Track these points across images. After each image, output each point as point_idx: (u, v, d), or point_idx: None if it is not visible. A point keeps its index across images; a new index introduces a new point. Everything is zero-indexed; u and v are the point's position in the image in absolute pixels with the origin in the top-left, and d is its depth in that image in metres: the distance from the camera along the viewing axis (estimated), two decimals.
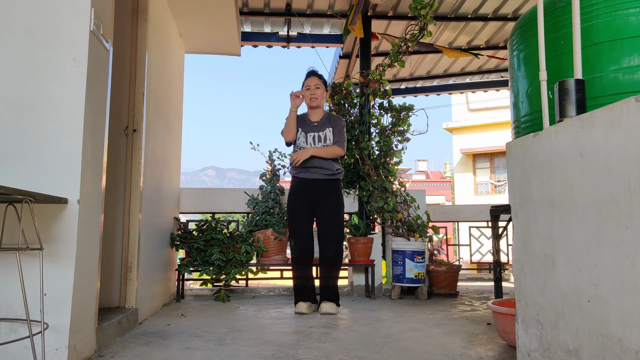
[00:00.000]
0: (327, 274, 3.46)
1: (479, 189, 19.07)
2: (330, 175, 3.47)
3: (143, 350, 2.25)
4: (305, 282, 3.46)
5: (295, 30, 5.64)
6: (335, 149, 3.46)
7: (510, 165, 1.80)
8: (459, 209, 5.85)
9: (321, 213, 3.46)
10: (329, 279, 3.46)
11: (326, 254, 3.44)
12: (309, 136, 3.52)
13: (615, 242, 1.25)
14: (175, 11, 3.92)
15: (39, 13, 2.00)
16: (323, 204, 3.46)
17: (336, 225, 3.46)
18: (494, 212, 3.17)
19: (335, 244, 3.44)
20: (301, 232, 3.46)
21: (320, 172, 3.46)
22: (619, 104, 1.24)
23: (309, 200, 3.47)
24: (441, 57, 6.65)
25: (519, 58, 2.70)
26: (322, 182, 3.47)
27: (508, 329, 2.20)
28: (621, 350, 1.21)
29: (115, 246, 2.94)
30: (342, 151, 3.47)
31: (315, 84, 3.56)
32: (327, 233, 3.44)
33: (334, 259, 3.44)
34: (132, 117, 3.05)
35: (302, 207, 3.48)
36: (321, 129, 3.52)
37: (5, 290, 1.85)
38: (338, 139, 3.49)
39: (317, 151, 3.43)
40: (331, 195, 3.47)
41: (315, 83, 3.56)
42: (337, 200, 3.50)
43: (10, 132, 1.91)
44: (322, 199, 3.46)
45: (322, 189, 3.47)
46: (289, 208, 3.53)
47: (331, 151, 3.45)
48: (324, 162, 3.45)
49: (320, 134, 3.51)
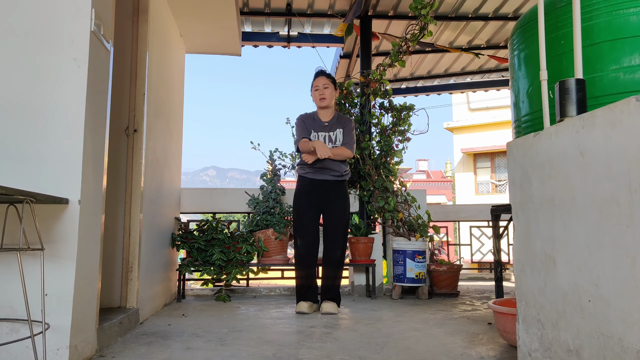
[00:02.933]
0: (332, 274, 3.45)
1: (480, 189, 19.05)
2: (339, 176, 3.48)
3: (144, 351, 2.25)
4: (308, 281, 3.46)
5: (296, 30, 5.64)
6: (345, 150, 3.45)
7: (510, 164, 1.80)
8: (460, 209, 5.85)
9: (329, 214, 3.47)
10: (334, 279, 3.46)
11: (333, 254, 3.44)
12: (319, 136, 3.51)
13: (616, 242, 1.25)
14: (176, 11, 3.93)
15: (39, 14, 2.00)
16: (332, 205, 3.46)
17: (344, 226, 3.47)
18: (494, 212, 3.17)
19: (342, 245, 3.46)
20: (308, 232, 3.46)
21: (329, 173, 3.45)
22: (620, 103, 1.24)
23: (316, 201, 3.47)
24: (442, 57, 6.65)
25: (519, 57, 2.69)
26: (330, 183, 3.46)
27: (509, 329, 2.19)
28: (622, 350, 1.21)
29: (116, 246, 2.95)
30: (351, 153, 3.47)
31: (323, 84, 3.54)
32: (335, 234, 3.44)
33: (340, 259, 3.46)
34: (133, 117, 3.05)
35: (309, 207, 3.48)
36: (332, 129, 3.52)
37: (6, 291, 1.85)
38: (347, 141, 3.49)
39: (332, 154, 3.39)
40: (339, 197, 3.48)
41: (324, 83, 3.54)
42: (345, 201, 3.51)
43: (11, 133, 1.91)
44: (331, 200, 3.46)
45: (330, 190, 3.47)
46: (296, 207, 3.52)
47: (340, 152, 3.45)
48: (333, 164, 3.45)
49: (331, 135, 3.51)
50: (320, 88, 3.53)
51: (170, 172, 3.96)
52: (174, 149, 4.05)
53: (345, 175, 3.52)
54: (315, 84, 3.58)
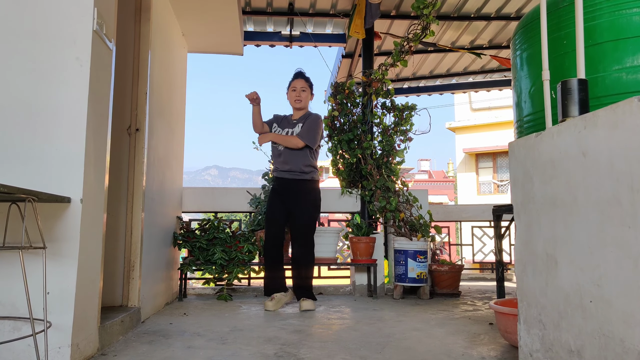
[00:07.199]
0: (298, 273, 3.56)
1: (482, 189, 19.03)
2: (298, 175, 3.54)
3: (146, 349, 2.26)
4: (271, 279, 3.58)
5: (298, 29, 5.64)
6: (293, 138, 3.53)
7: (512, 165, 1.80)
8: (462, 209, 5.84)
9: (293, 214, 3.56)
10: (303, 279, 3.55)
11: (295, 253, 3.56)
12: (281, 131, 3.63)
13: (617, 242, 1.24)
14: (178, 10, 3.93)
15: (42, 13, 2.00)
16: (294, 205, 3.56)
17: (305, 226, 3.54)
18: (496, 212, 3.16)
19: (303, 244, 3.53)
20: (271, 225, 3.59)
21: (288, 172, 3.56)
22: (622, 103, 1.24)
23: (283, 199, 3.60)
24: (444, 57, 6.64)
25: (521, 57, 2.69)
26: (291, 181, 3.57)
27: (510, 329, 2.19)
28: (623, 351, 1.21)
29: (118, 245, 2.95)
30: (299, 141, 3.51)
31: (301, 87, 3.65)
32: (296, 233, 3.55)
33: (302, 259, 3.54)
34: (135, 116, 3.06)
35: (275, 203, 3.61)
36: (294, 126, 3.62)
37: (9, 289, 1.86)
38: (300, 132, 3.56)
39: (275, 137, 3.57)
40: (301, 197, 3.56)
41: (302, 86, 3.65)
42: (307, 202, 3.57)
43: (14, 132, 1.92)
44: (293, 200, 3.56)
45: (291, 189, 3.57)
46: (267, 203, 3.71)
47: (287, 139, 3.54)
48: (291, 162, 3.54)
49: (294, 131, 3.60)
50: (297, 90, 3.65)
51: (172, 172, 3.96)
52: (175, 148, 4.05)
53: (308, 174, 3.55)
54: (293, 84, 3.68)
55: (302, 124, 3.59)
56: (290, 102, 3.68)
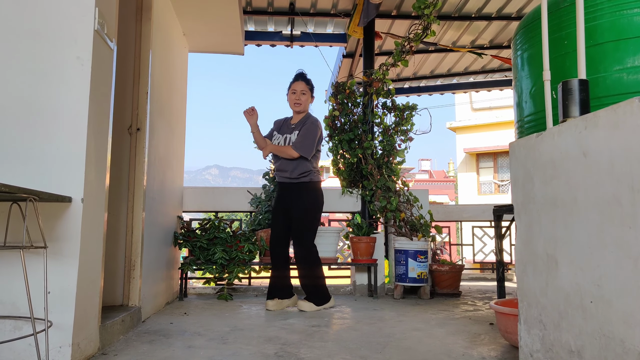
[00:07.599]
0: (300, 273, 3.56)
1: (483, 189, 19.02)
2: (293, 179, 3.55)
3: (146, 349, 2.26)
4: (275, 279, 3.57)
5: (299, 29, 5.64)
6: (288, 149, 3.51)
7: (513, 165, 1.80)
8: (462, 209, 5.84)
9: (292, 215, 3.57)
10: (304, 278, 3.55)
11: (295, 253, 3.57)
12: (281, 137, 3.62)
13: (618, 243, 1.24)
14: (179, 10, 3.93)
15: (43, 13, 2.00)
16: (291, 207, 3.57)
17: (302, 227, 3.54)
18: (497, 212, 3.16)
19: (302, 244, 3.53)
20: (274, 228, 3.62)
21: (283, 176, 3.59)
22: (623, 104, 1.24)
23: (283, 202, 3.62)
24: (445, 57, 6.64)
25: (522, 57, 2.69)
26: (287, 185, 3.60)
27: (510, 329, 2.19)
28: (623, 351, 1.21)
29: (119, 244, 2.96)
30: (293, 152, 3.49)
31: (301, 90, 3.62)
32: (295, 233, 3.56)
33: (302, 259, 3.53)
34: (136, 116, 3.06)
35: (278, 207, 3.65)
36: (292, 132, 3.61)
37: (10, 288, 1.86)
38: (295, 141, 3.53)
39: (272, 149, 3.58)
40: (297, 199, 3.56)
41: (302, 89, 3.62)
42: (303, 204, 3.55)
43: (15, 131, 1.92)
44: (289, 202, 3.58)
45: (289, 192, 3.59)
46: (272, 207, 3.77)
47: (283, 150, 3.53)
48: (285, 166, 3.54)
49: (292, 136, 3.59)
50: (297, 92, 3.62)
51: (173, 171, 3.96)
52: (176, 147, 4.05)
53: (302, 177, 3.54)
54: (293, 87, 3.65)
55: (298, 131, 3.56)
56: (290, 105, 3.66)
